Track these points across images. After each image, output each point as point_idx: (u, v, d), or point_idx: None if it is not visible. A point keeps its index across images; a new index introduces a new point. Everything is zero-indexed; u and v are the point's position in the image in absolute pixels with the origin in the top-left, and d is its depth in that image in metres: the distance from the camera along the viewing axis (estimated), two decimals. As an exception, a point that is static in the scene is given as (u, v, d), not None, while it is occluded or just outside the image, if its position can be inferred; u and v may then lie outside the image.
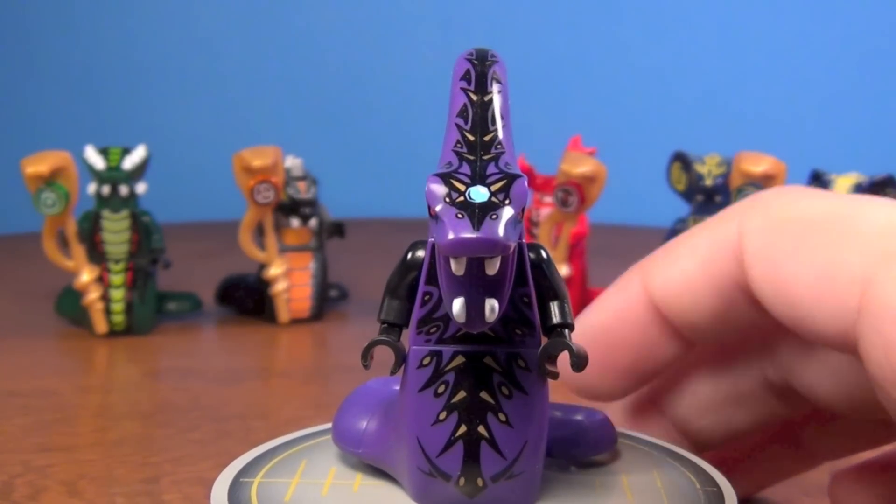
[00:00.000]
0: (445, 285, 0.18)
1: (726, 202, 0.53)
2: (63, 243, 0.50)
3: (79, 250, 0.50)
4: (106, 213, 0.50)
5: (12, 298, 0.60)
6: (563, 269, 0.51)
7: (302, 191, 0.54)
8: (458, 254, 0.17)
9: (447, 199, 0.17)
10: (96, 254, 0.51)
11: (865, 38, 0.95)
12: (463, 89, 0.20)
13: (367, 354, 0.20)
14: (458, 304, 0.18)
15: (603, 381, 0.25)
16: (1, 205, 0.86)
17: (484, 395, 0.20)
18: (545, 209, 0.53)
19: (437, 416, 0.20)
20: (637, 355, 0.24)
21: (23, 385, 0.42)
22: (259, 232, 0.53)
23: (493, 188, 0.17)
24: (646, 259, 0.24)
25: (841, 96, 0.96)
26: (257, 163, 0.50)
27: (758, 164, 0.49)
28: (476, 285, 0.18)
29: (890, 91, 0.95)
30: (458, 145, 0.19)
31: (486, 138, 0.19)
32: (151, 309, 0.52)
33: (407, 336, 0.20)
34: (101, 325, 0.51)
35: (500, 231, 0.17)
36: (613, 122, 0.96)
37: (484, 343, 0.20)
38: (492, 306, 0.18)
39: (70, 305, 0.53)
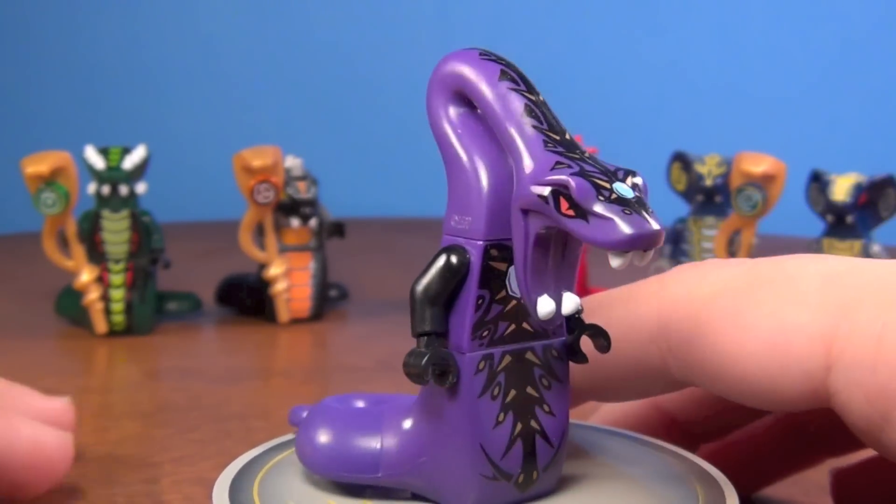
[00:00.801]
0: (529, 283, 0.19)
1: (726, 202, 0.53)
2: (63, 243, 0.50)
3: (79, 250, 0.50)
4: (106, 212, 0.50)
5: (12, 298, 0.60)
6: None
7: (302, 191, 0.54)
8: (638, 247, 0.17)
9: (601, 198, 0.17)
10: (96, 254, 0.50)
11: (866, 39, 0.95)
12: (515, 90, 0.19)
13: (428, 370, 0.19)
14: (547, 303, 0.19)
15: None
16: (1, 205, 0.86)
17: (529, 389, 0.20)
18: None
19: (497, 418, 0.20)
20: None
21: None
22: (259, 232, 0.53)
23: (628, 184, 0.18)
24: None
25: (841, 96, 0.95)
26: (257, 163, 0.50)
27: (758, 164, 0.49)
28: (555, 280, 0.19)
29: (890, 91, 0.95)
30: (551, 145, 0.19)
31: (568, 137, 0.19)
32: (151, 309, 0.52)
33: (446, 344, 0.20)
34: (100, 325, 0.51)
35: (661, 223, 0.18)
36: (613, 122, 0.96)
37: (525, 339, 0.20)
38: (575, 301, 0.19)
39: (70, 305, 0.53)
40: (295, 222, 0.54)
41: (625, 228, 0.17)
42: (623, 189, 0.18)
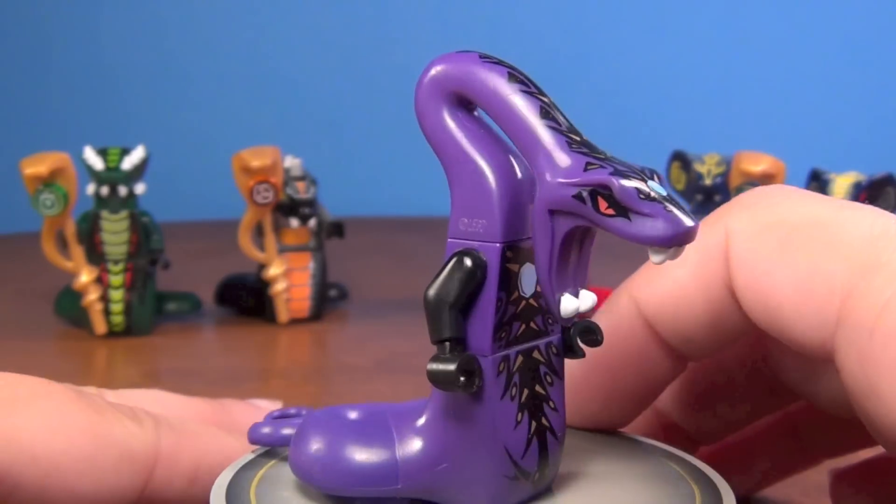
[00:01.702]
0: (554, 282, 0.19)
1: (726, 201, 0.52)
2: (62, 244, 0.50)
3: (78, 251, 0.50)
4: (105, 213, 0.50)
5: (11, 299, 0.60)
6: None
7: (301, 191, 0.54)
8: (679, 243, 0.18)
9: (642, 196, 0.18)
10: (95, 254, 0.50)
11: (865, 38, 0.95)
12: (527, 92, 0.19)
13: (459, 376, 0.19)
14: (570, 301, 0.19)
15: (606, 407, 0.24)
16: (0, 205, 0.86)
17: (538, 388, 0.21)
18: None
19: (516, 418, 0.20)
20: (637, 376, 0.24)
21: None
22: (258, 232, 0.53)
23: (656, 181, 0.18)
24: (633, 276, 0.24)
25: (841, 95, 0.96)
26: (256, 163, 0.50)
27: (757, 163, 0.49)
28: (573, 278, 0.19)
29: (889, 90, 0.95)
30: (575, 146, 0.19)
31: (585, 138, 0.19)
32: (151, 309, 0.52)
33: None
34: (100, 326, 0.51)
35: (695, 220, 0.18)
36: (613, 121, 0.96)
37: (533, 338, 0.21)
38: (592, 298, 0.20)
39: (69, 306, 0.53)
40: (294, 222, 0.54)
41: (669, 225, 0.18)
42: (657, 187, 0.18)
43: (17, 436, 0.22)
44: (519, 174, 0.20)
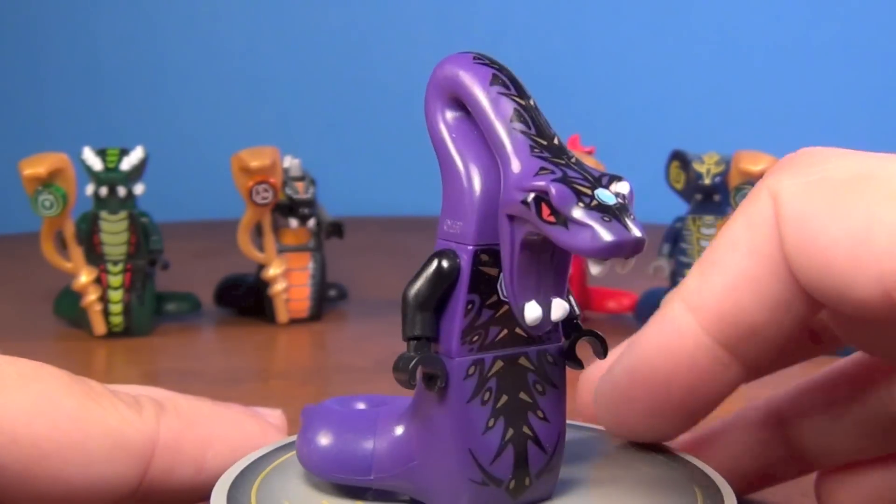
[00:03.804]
0: (516, 289, 0.19)
1: (725, 201, 0.53)
2: (61, 245, 0.50)
3: (77, 252, 0.50)
4: (104, 214, 0.50)
5: (11, 300, 0.60)
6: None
7: (300, 191, 0.54)
8: (615, 255, 0.17)
9: (581, 204, 0.17)
10: (94, 255, 0.50)
11: (865, 38, 0.95)
12: (505, 94, 0.19)
13: (415, 374, 0.19)
14: (534, 309, 0.19)
15: (654, 423, 0.23)
16: (-1, 206, 0.86)
17: (522, 395, 0.20)
18: (544, 208, 0.53)
19: (486, 423, 0.20)
20: (688, 391, 0.22)
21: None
22: (258, 232, 0.53)
23: (612, 190, 0.18)
24: (681, 283, 0.22)
25: (841, 95, 0.95)
26: (255, 163, 0.50)
27: (756, 162, 0.49)
28: (544, 286, 0.19)
29: (889, 90, 0.95)
30: (537, 150, 0.19)
31: (556, 143, 0.19)
32: (150, 310, 0.52)
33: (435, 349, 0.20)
34: (99, 327, 0.51)
35: (642, 231, 0.17)
36: (612, 121, 0.96)
37: (518, 344, 0.20)
38: (564, 307, 0.19)
39: (69, 307, 0.53)
40: (293, 223, 0.54)
41: (604, 235, 0.17)
42: (605, 195, 0.18)
43: None
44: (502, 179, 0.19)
